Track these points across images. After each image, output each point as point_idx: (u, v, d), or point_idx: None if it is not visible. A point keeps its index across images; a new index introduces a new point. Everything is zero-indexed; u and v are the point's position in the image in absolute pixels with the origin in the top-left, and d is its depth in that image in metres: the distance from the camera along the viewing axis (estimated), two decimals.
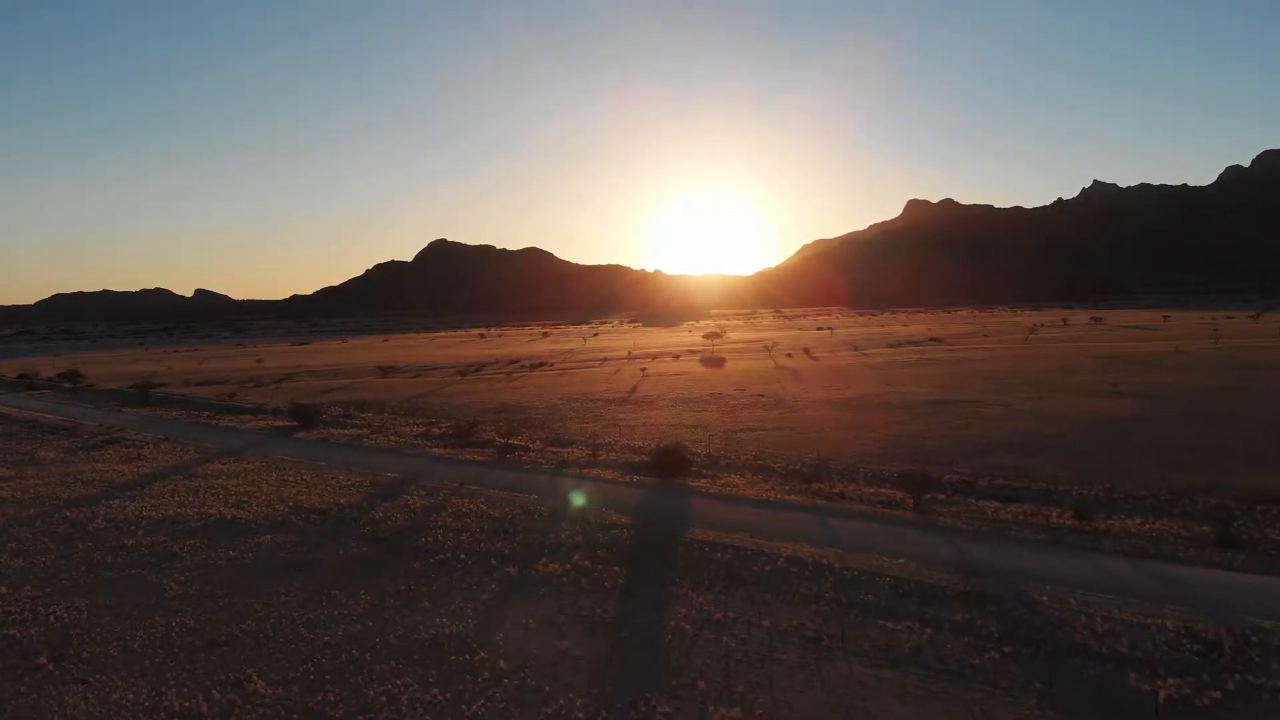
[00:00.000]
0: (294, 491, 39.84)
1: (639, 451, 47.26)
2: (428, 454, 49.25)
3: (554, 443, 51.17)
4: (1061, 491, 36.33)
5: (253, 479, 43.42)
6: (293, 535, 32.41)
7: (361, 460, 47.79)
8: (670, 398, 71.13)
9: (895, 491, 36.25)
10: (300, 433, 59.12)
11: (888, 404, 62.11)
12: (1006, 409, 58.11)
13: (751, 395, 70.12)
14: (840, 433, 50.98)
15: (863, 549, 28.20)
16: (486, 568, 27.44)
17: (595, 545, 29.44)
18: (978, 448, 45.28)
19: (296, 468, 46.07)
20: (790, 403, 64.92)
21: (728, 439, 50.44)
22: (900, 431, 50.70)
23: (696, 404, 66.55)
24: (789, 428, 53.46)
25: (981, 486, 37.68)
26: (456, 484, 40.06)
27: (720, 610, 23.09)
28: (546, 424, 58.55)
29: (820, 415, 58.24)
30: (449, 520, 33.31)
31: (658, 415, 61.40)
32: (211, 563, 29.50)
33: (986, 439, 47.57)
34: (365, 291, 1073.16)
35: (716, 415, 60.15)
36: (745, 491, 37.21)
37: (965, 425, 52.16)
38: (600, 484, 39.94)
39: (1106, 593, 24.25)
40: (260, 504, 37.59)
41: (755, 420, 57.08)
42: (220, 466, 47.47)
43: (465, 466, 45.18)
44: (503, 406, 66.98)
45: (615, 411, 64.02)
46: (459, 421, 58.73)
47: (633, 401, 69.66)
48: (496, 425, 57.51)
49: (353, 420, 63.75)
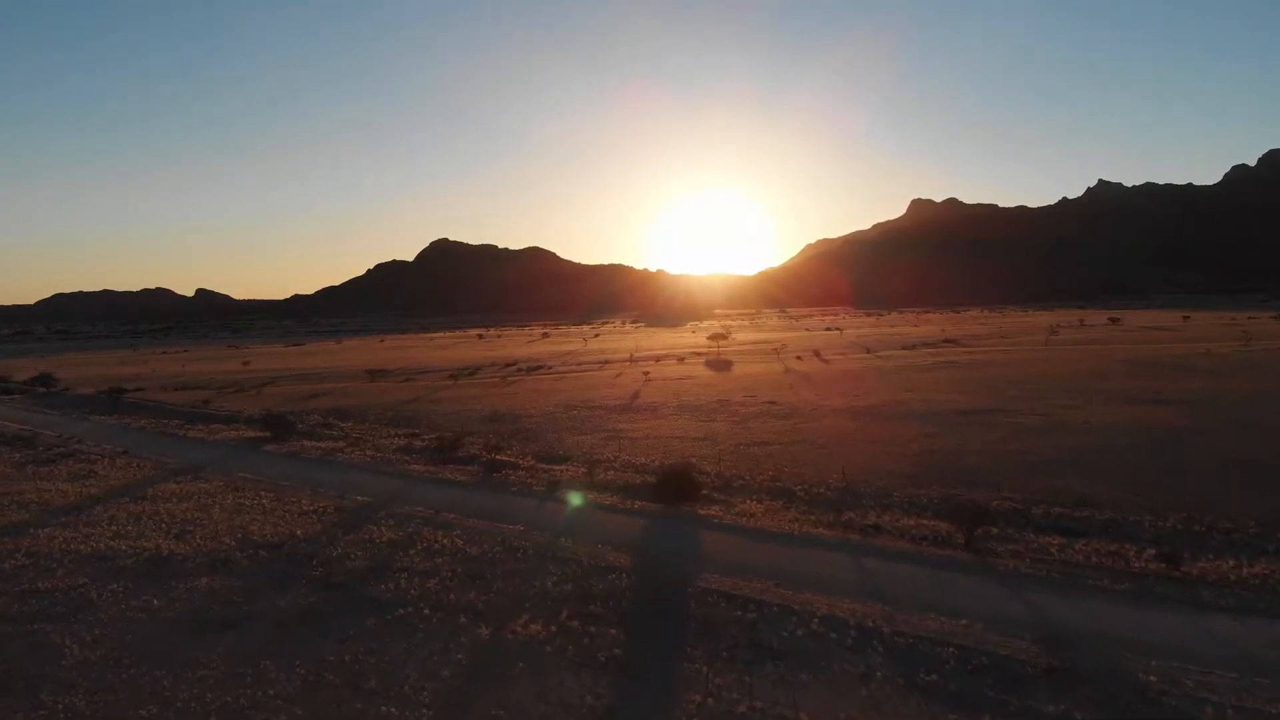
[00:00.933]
0: (247, 519, 34.89)
1: (641, 470, 42.24)
2: (406, 472, 44.26)
3: (546, 459, 46.13)
4: (1132, 523, 31.27)
5: (205, 503, 38.49)
6: (233, 578, 27.47)
7: (331, 479, 42.80)
8: (675, 405, 66.10)
9: (939, 523, 31.24)
10: (271, 445, 54.15)
11: (912, 413, 57.03)
12: (1044, 419, 53.03)
13: (762, 403, 65.07)
14: (864, 448, 45.90)
15: (914, 604, 23.18)
16: (454, 628, 22.46)
17: (588, 596, 24.46)
18: (1022, 466, 40.21)
19: (257, 489, 41.11)
20: (805, 412, 59.87)
21: (740, 454, 45.40)
22: (931, 446, 45.62)
23: (703, 413, 61.52)
24: (807, 441, 48.39)
25: (1037, 516, 32.62)
26: (432, 511, 35.07)
27: (744, 699, 18.05)
28: (540, 436, 53.54)
29: (840, 426, 53.18)
30: (417, 560, 28.33)
31: (662, 426, 56.39)
32: (130, 616, 24.63)
33: (1030, 455, 42.50)
34: (366, 291, 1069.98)
35: (726, 426, 55.10)
36: (764, 522, 32.16)
37: (1002, 439, 47.08)
38: (597, 510, 34.92)
39: (1227, 669, 19.23)
40: (205, 535, 32.66)
41: (769, 432, 52.02)
42: (174, 486, 42.52)
43: (445, 488, 40.18)
44: (494, 415, 61.99)
45: (615, 421, 59.01)
46: (444, 433, 53.79)
47: (634, 410, 64.66)
48: (485, 438, 52.52)
49: (331, 431, 58.78)
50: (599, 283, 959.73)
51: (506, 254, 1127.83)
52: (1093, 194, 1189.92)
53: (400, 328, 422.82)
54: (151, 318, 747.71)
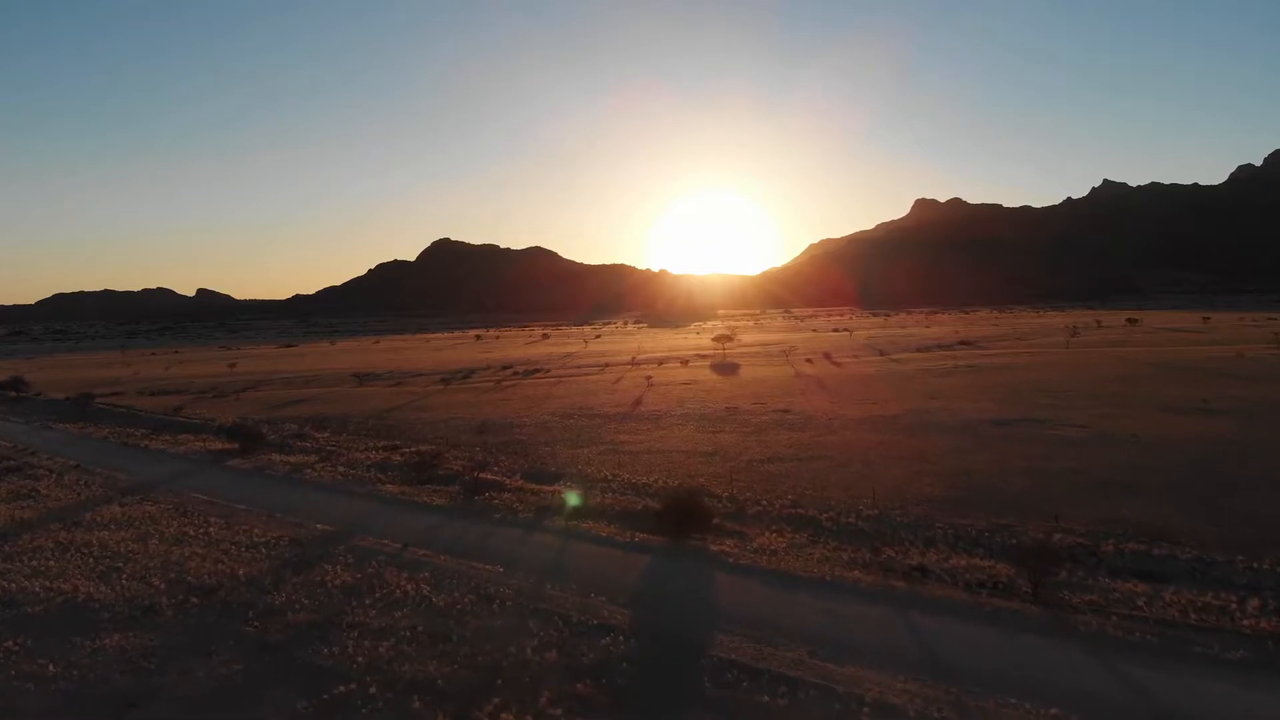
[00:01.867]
0: (186, 554, 30.14)
1: (644, 492, 37.43)
2: (378, 493, 39.46)
3: (537, 477, 41.28)
4: (1223, 565, 26.39)
5: (145, 531, 33.74)
6: (152, 635, 22.77)
7: (293, 502, 38.03)
8: (680, 413, 61.26)
9: (996, 565, 26.41)
10: (237, 459, 49.41)
11: (941, 424, 52.15)
12: (1086, 431, 48.14)
13: (774, 411, 60.20)
14: (893, 466, 41.03)
15: (985, 682, 18.33)
16: (404, 716, 17.69)
17: (575, 669, 19.66)
18: (1076, 489, 35.36)
19: (208, 513, 36.36)
20: (822, 422, 55.01)
21: (753, 473, 40.55)
22: (968, 463, 40.74)
23: (711, 422, 56.67)
24: (828, 457, 43.50)
25: (1109, 554, 27.77)
26: (399, 545, 30.27)
27: None
28: (531, 449, 48.70)
29: (862, 439, 48.30)
30: (373, 613, 23.55)
31: (665, 438, 51.56)
32: (16, 688, 19.99)
33: (1081, 475, 37.63)
34: (367, 291, 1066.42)
35: (736, 438, 50.25)
36: (789, 562, 27.30)
37: (1046, 455, 42.21)
38: (591, 545, 30.08)
39: None
40: (134, 575, 27.94)
41: (784, 446, 47.15)
42: (118, 510, 37.77)
43: (419, 514, 35.39)
44: (483, 425, 57.17)
45: (615, 432, 54.19)
46: (426, 447, 49.04)
47: (636, 418, 59.83)
48: (470, 452, 47.73)
49: (304, 443, 54.01)
50: (601, 283, 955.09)
51: (508, 254, 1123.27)
52: (1097, 194, 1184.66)
53: (399, 328, 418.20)
54: (151, 318, 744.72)
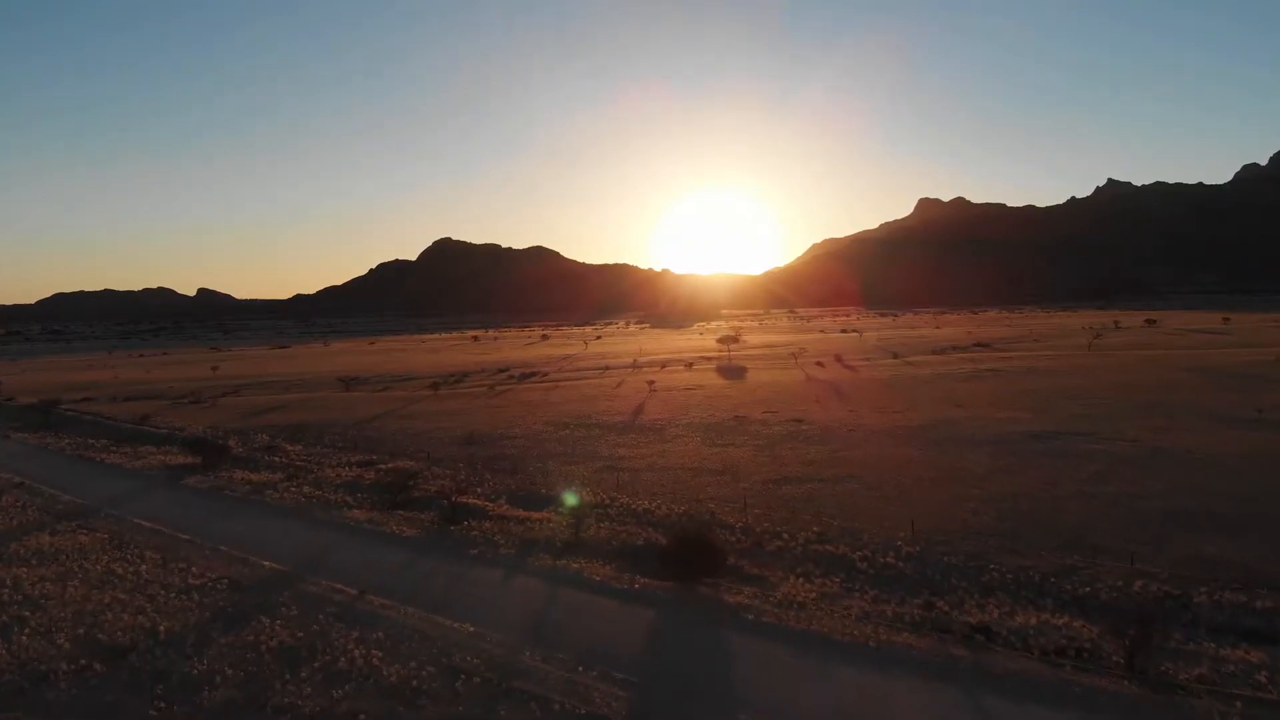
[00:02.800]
0: (107, 600, 25.49)
1: (646, 520, 32.73)
2: (343, 520, 34.78)
3: (525, 501, 36.57)
4: None
5: (69, 569, 29.08)
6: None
7: (245, 531, 33.36)
8: (685, 423, 56.52)
9: (1074, 623, 21.70)
10: (197, 476, 44.75)
11: (972, 437, 47.37)
12: (1136, 447, 43.36)
13: (788, 421, 55.45)
14: (929, 488, 36.28)
15: None
16: None
17: None
18: (1143, 519, 30.62)
19: (146, 546, 31.72)
20: (841, 434, 50.25)
21: (771, 496, 35.82)
22: (1013, 485, 35.98)
23: (719, 433, 51.93)
24: (853, 477, 38.74)
25: (1203, 606, 23.05)
26: (356, 591, 25.60)
27: None
28: (521, 466, 43.96)
29: (889, 455, 43.52)
30: (307, 690, 18.87)
31: (670, 452, 46.82)
32: None
33: (1145, 501, 32.89)
34: (369, 291, 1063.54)
35: (748, 453, 45.50)
36: (821, 620, 22.53)
37: (1100, 476, 37.45)
38: (583, 593, 25.36)
39: None
40: (40, 628, 23.38)
41: (802, 463, 42.39)
42: (47, 540, 33.14)
43: (385, 548, 30.69)
44: (470, 437, 52.42)
45: (614, 445, 49.46)
46: (405, 463, 44.38)
47: (637, 429, 55.12)
48: (453, 468, 43.03)
49: (273, 456, 49.36)
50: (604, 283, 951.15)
51: (510, 254, 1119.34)
52: (1102, 193, 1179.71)
53: (396, 329, 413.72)
54: (151, 317, 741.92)
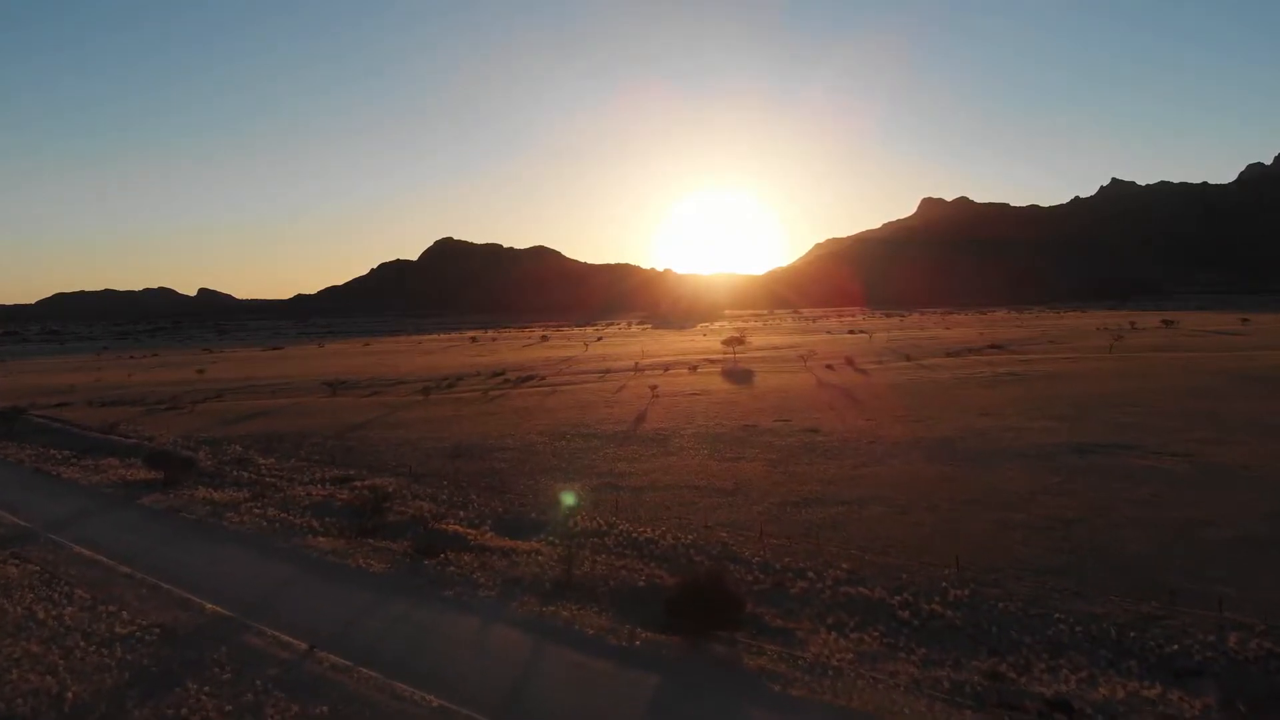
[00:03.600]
0: (17, 654, 21.65)
1: (649, 553, 28.67)
2: (306, 550, 30.72)
3: (511, 528, 32.49)
4: None
5: None
6: None
7: (192, 566, 29.33)
8: (690, 433, 52.47)
9: (1167, 692, 17.64)
10: (157, 494, 40.76)
11: (1007, 450, 43.26)
12: (1188, 463, 39.26)
13: (802, 431, 51.37)
14: (968, 512, 32.17)
15: None
16: None
17: None
18: (1217, 550, 26.58)
19: (79, 582, 27.72)
20: (861, 446, 46.16)
21: (789, 522, 31.75)
22: (1062, 510, 31.87)
23: (728, 445, 47.84)
24: (881, 498, 34.63)
25: None
26: (306, 646, 21.57)
27: None
28: (510, 484, 39.88)
29: (917, 472, 39.42)
30: None
31: (675, 467, 42.75)
32: None
33: (1214, 528, 28.81)
34: (370, 291, 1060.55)
35: (760, 468, 41.41)
36: (864, 695, 18.34)
37: (1155, 497, 33.38)
38: (573, 652, 21.22)
39: None
40: None
41: (821, 480, 38.30)
42: None
43: (348, 586, 26.64)
44: (457, 449, 48.37)
45: (614, 458, 45.40)
46: (384, 479, 40.39)
47: (639, 440, 51.07)
48: (435, 487, 39.00)
49: (243, 471, 45.34)
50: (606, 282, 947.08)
51: (512, 253, 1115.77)
52: (1106, 193, 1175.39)
53: (397, 329, 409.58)
54: (152, 317, 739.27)
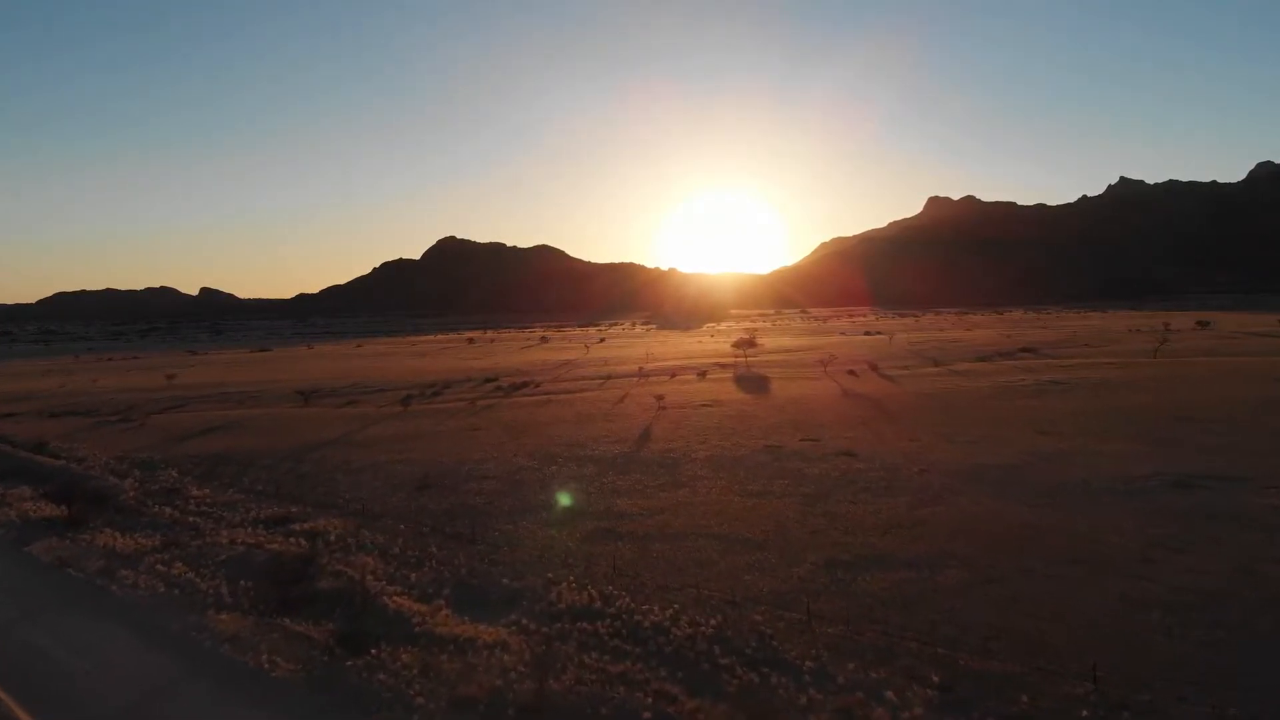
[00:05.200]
0: None
1: (657, 652, 20.91)
2: (200, 634, 23.03)
3: (475, 601, 24.75)
4: None
5: None
6: None
7: (47, 655, 21.78)
8: (703, 455, 44.83)
9: None
10: (52, 538, 33.22)
11: (1088, 484, 35.49)
12: None
13: (835, 454, 43.68)
14: (1076, 581, 24.40)
15: None
16: None
17: None
18: None
19: None
20: (911, 476, 38.44)
21: (841, 594, 24.03)
22: (1198, 576, 24.10)
23: (750, 473, 40.17)
24: (953, 556, 26.83)
25: None
26: None
27: None
28: (484, 528, 32.21)
29: (988, 514, 31.68)
30: None
31: (688, 504, 35.09)
32: None
33: None
34: (372, 290, 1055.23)
35: (794, 508, 33.71)
36: None
37: None
38: None
39: None
40: None
41: (873, 528, 30.54)
42: None
43: (233, 704, 19.03)
44: (426, 478, 40.67)
45: (613, 490, 37.74)
46: (329, 521, 32.80)
47: (644, 464, 43.45)
48: (392, 529, 31.39)
49: (167, 507, 37.79)
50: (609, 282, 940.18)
51: (515, 252, 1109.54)
52: (1114, 191, 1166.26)
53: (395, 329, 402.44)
54: (153, 317, 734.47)
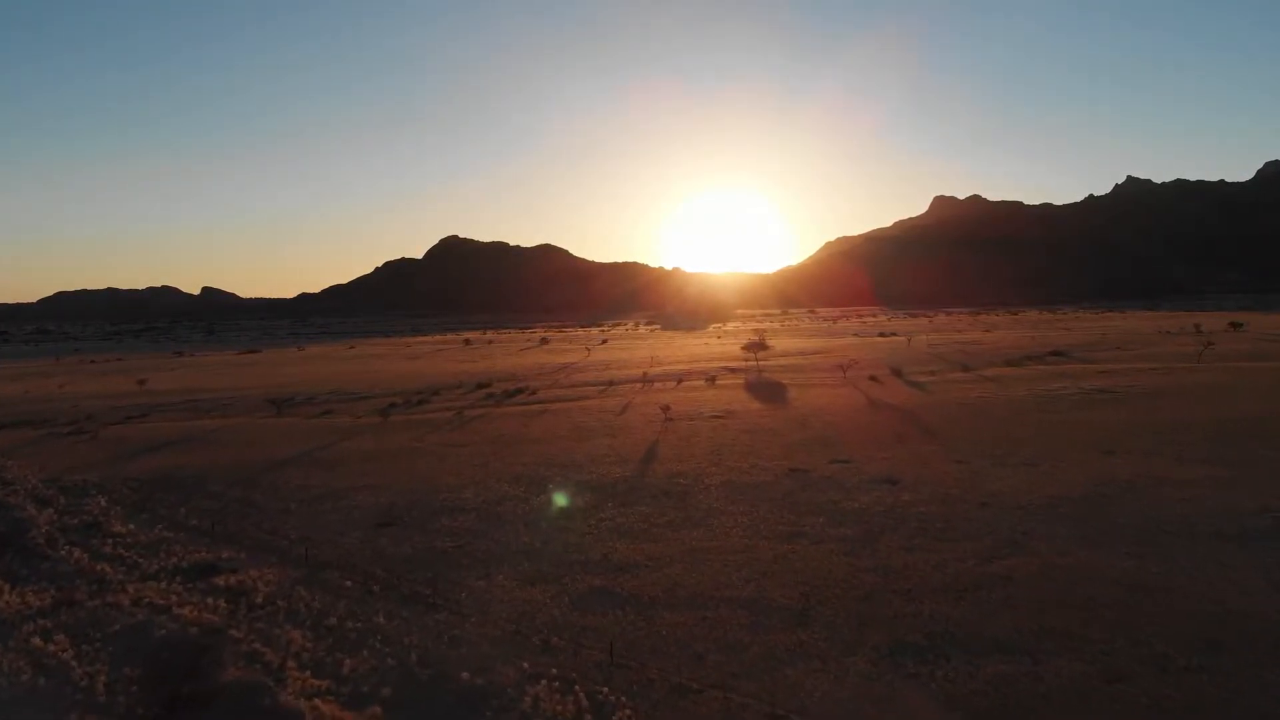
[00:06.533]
0: None
1: None
2: None
3: (423, 701, 18.42)
4: None
5: None
6: None
7: None
8: (719, 481, 38.42)
9: None
10: None
11: (1187, 521, 28.99)
12: None
13: (874, 480, 37.20)
14: (1218, 669, 17.99)
15: None
16: None
17: None
18: None
19: None
20: (971, 511, 31.96)
21: (917, 693, 17.67)
22: None
23: (775, 507, 33.73)
24: (1063, 637, 20.34)
25: None
26: None
27: None
28: (447, 583, 25.81)
29: (1085, 569, 25.19)
30: None
31: (703, 554, 28.67)
32: None
33: None
34: (374, 290, 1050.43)
35: (836, 558, 27.27)
36: None
37: None
38: None
39: None
40: None
41: (943, 590, 24.10)
42: None
43: None
44: (390, 513, 34.19)
45: (611, 530, 31.34)
46: (264, 571, 26.42)
47: (649, 494, 37.05)
48: (336, 585, 24.95)
49: (79, 548, 31.43)
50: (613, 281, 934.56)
51: (518, 252, 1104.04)
52: (1121, 190, 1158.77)
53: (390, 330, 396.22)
54: (152, 317, 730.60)
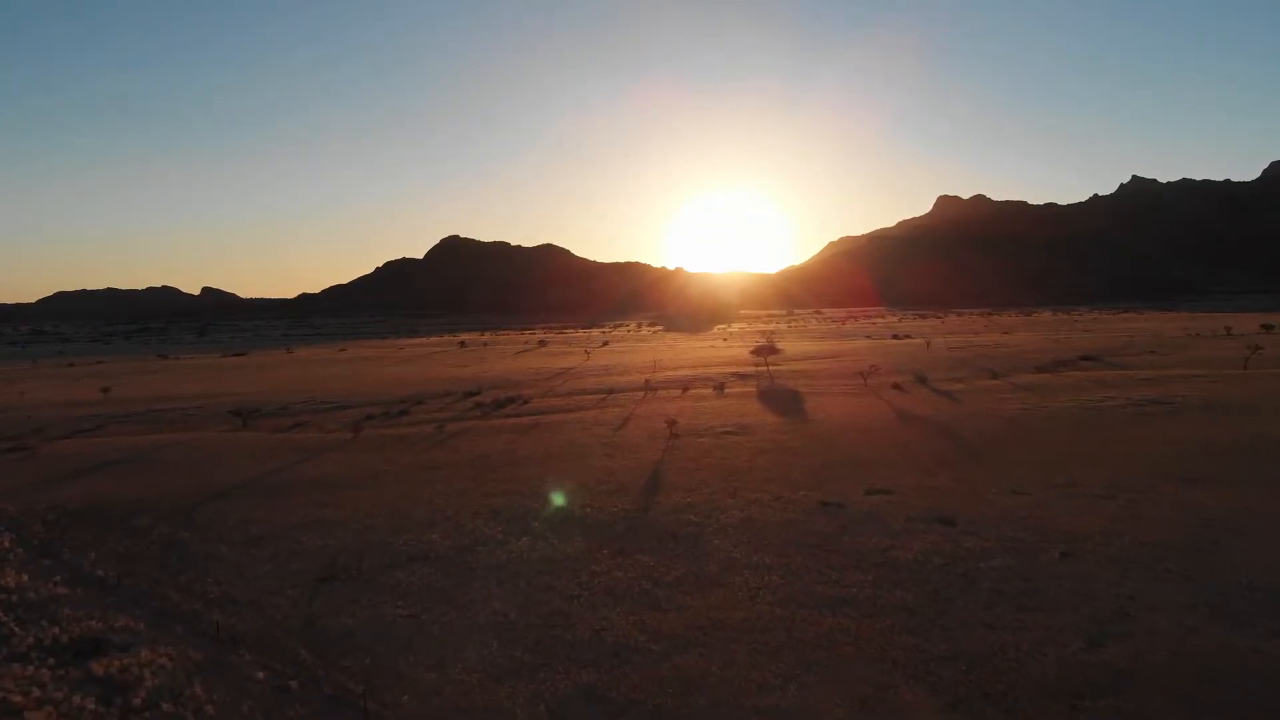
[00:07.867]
0: None
1: None
2: None
3: None
4: None
5: None
6: None
7: None
8: (736, 519, 32.28)
9: None
10: None
11: None
12: None
13: (925, 519, 31.06)
14: None
15: None
16: None
17: None
18: None
19: None
20: (1050, 561, 25.82)
21: None
22: None
23: (809, 554, 27.60)
24: None
25: None
26: None
27: None
28: (391, 681, 19.68)
29: (1211, 648, 19.03)
30: None
31: (722, 629, 22.52)
32: None
33: None
34: (375, 290, 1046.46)
35: (900, 637, 21.12)
36: None
37: None
38: None
39: None
40: None
41: (1043, 684, 17.95)
42: None
43: None
44: (334, 566, 27.98)
45: (607, 595, 25.20)
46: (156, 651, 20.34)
47: (651, 531, 30.95)
48: (248, 674, 18.92)
49: None
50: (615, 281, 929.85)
51: (519, 251, 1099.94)
52: (1126, 190, 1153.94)
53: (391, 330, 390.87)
54: (151, 317, 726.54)
